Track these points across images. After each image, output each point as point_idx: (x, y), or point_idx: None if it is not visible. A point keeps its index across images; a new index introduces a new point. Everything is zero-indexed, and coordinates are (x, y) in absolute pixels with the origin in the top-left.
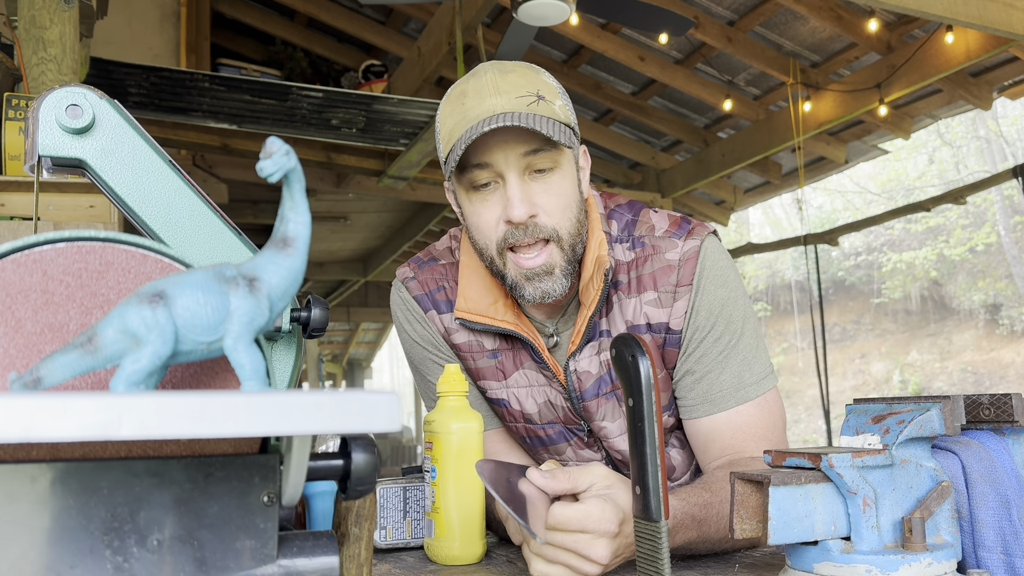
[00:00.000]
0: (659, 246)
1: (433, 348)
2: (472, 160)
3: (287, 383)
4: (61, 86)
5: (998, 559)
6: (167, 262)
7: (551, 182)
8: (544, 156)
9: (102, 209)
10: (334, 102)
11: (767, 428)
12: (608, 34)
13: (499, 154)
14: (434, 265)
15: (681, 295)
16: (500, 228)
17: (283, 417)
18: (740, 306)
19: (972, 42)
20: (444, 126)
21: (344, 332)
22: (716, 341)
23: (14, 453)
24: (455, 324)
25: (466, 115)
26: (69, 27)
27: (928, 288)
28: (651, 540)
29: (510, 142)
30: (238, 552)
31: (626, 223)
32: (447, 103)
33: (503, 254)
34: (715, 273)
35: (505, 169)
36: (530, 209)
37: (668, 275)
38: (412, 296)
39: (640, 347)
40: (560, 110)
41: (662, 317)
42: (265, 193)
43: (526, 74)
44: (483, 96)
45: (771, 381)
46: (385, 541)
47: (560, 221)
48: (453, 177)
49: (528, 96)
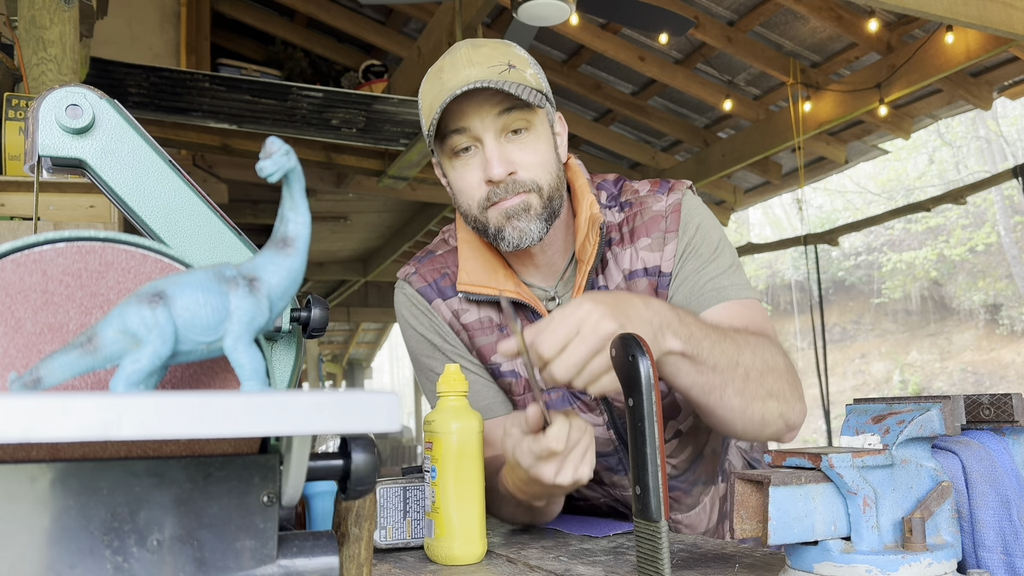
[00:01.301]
0: (646, 202)
1: (439, 339)
2: (450, 126)
3: (287, 383)
4: (61, 86)
5: (998, 559)
6: (167, 262)
7: (526, 141)
8: (517, 116)
9: (102, 209)
10: (334, 102)
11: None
12: (608, 34)
13: (475, 118)
14: (432, 257)
15: (670, 240)
16: (482, 189)
17: (283, 417)
18: (717, 232)
19: (972, 42)
20: (424, 101)
21: (344, 332)
22: (697, 256)
23: (14, 453)
24: (462, 304)
25: (443, 87)
26: (69, 27)
27: (928, 288)
28: (651, 540)
29: (484, 106)
30: (238, 552)
31: (611, 193)
32: (426, 80)
33: (485, 212)
34: (695, 214)
35: (482, 132)
36: (508, 167)
37: (658, 223)
38: (416, 290)
39: (640, 347)
40: (531, 77)
41: (655, 261)
42: (265, 193)
43: (498, 47)
44: (458, 69)
45: (753, 293)
46: (385, 541)
47: (538, 174)
48: (435, 148)
49: (499, 65)
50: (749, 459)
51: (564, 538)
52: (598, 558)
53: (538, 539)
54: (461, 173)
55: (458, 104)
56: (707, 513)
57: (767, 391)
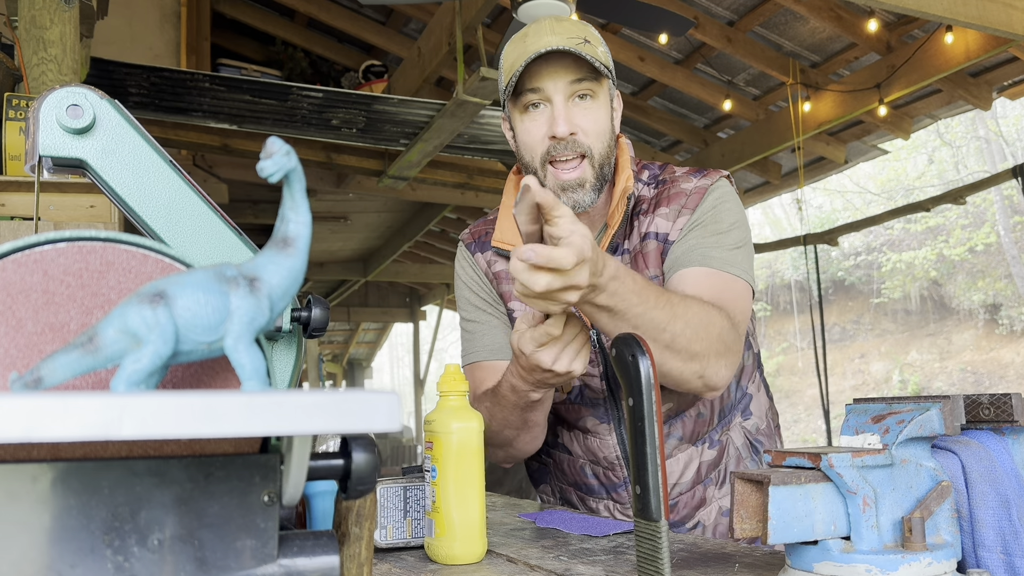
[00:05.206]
0: (678, 180)
1: (478, 288)
2: (527, 85)
3: (287, 383)
4: (62, 86)
5: (998, 559)
6: (168, 262)
7: (590, 108)
8: (586, 86)
9: (102, 209)
10: (334, 102)
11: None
12: (608, 34)
13: (549, 81)
14: (484, 220)
15: (684, 214)
16: (545, 143)
17: (283, 417)
18: (734, 215)
19: (972, 42)
20: (507, 60)
21: (344, 332)
22: (702, 227)
23: (15, 453)
24: (493, 256)
25: (526, 49)
26: (69, 27)
27: (928, 288)
28: (651, 540)
29: (559, 71)
30: (239, 551)
31: (654, 174)
32: (510, 44)
33: (544, 167)
34: (718, 195)
35: (553, 93)
36: (571, 127)
37: (680, 198)
38: (465, 245)
39: (640, 347)
40: (602, 54)
41: (667, 228)
42: (265, 193)
43: (577, 24)
44: (541, 35)
45: (743, 273)
46: (385, 540)
47: (594, 142)
48: (509, 103)
49: (577, 38)
50: (752, 439)
51: (564, 538)
52: (598, 558)
53: (538, 539)
54: (528, 127)
55: (536, 66)
56: (679, 468)
57: (690, 354)
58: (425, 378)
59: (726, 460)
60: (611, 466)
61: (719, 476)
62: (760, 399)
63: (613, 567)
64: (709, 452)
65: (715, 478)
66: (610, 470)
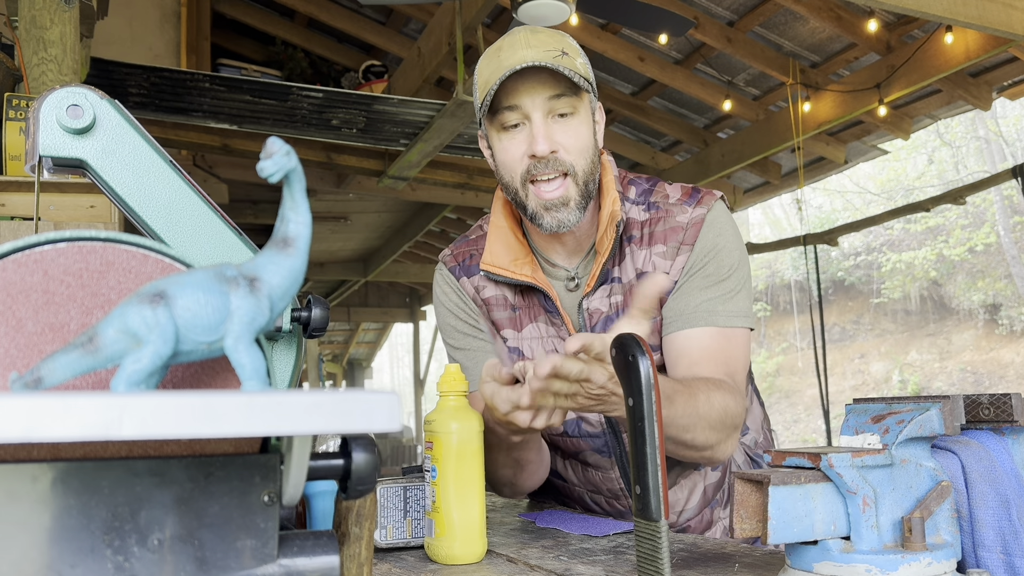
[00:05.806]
0: (671, 210)
1: (464, 315)
2: (503, 103)
3: (287, 383)
4: (62, 86)
5: (998, 559)
6: (168, 262)
7: (570, 125)
8: (565, 101)
9: (103, 209)
10: (334, 102)
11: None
12: (608, 34)
13: (527, 98)
14: (465, 241)
15: (683, 252)
16: (524, 162)
17: (283, 417)
18: (734, 255)
19: (971, 42)
20: (481, 76)
21: (344, 332)
22: (704, 276)
23: (15, 453)
24: (483, 281)
25: (500, 64)
26: (69, 27)
27: (927, 288)
28: (651, 540)
29: (536, 88)
30: (239, 551)
31: (643, 190)
32: (484, 58)
33: (526, 186)
34: (716, 228)
35: (531, 110)
36: (551, 145)
37: (676, 234)
38: (448, 269)
39: (640, 347)
40: (581, 66)
41: (665, 268)
42: (265, 193)
43: (553, 35)
44: (516, 49)
45: (745, 321)
46: (385, 540)
47: (576, 159)
48: (485, 121)
49: (554, 51)
50: (752, 455)
51: (564, 538)
52: (598, 558)
53: (538, 539)
54: (507, 146)
55: (512, 83)
56: (684, 495)
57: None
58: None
59: (729, 479)
60: (615, 496)
61: (723, 496)
62: (754, 412)
63: (613, 567)
64: (713, 474)
65: (720, 499)
66: (614, 499)
